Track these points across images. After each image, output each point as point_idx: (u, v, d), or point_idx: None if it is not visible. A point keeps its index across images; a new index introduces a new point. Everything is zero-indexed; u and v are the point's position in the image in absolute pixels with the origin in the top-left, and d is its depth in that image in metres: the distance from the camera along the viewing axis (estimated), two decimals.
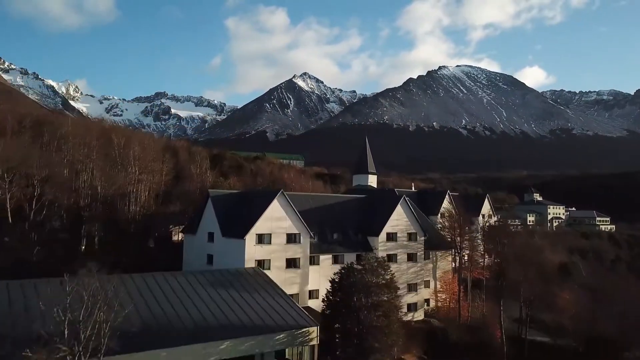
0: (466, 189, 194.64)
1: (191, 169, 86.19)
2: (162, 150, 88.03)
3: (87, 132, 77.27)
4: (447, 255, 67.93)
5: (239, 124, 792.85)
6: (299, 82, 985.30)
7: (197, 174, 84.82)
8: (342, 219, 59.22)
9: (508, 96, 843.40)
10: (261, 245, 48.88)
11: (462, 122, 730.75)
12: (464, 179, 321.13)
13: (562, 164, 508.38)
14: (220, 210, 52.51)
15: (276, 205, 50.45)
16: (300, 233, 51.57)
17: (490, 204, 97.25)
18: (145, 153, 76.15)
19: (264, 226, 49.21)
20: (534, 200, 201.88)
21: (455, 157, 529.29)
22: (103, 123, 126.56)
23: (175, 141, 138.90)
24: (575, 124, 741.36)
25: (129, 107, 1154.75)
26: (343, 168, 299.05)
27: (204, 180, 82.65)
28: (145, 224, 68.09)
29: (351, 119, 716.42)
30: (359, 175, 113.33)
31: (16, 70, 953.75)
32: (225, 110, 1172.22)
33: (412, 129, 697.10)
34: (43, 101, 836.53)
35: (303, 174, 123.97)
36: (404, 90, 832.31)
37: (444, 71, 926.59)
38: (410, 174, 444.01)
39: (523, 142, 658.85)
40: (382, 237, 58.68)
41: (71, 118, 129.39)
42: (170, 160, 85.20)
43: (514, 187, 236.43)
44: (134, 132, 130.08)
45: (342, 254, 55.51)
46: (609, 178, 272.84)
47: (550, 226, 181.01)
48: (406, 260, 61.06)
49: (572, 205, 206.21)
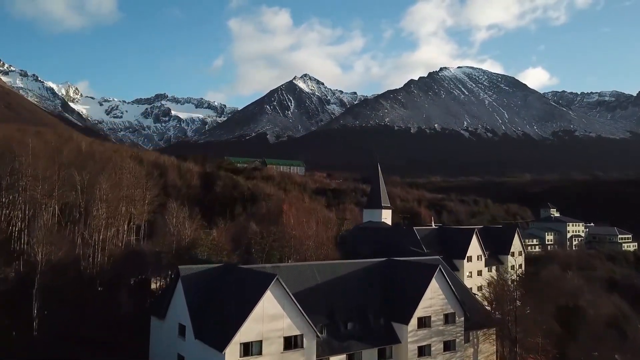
0: (476, 200, 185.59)
1: (166, 219, 66.74)
2: (148, 169, 79.36)
3: (50, 163, 64.01)
4: (491, 334, 53.41)
5: (239, 126, 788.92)
6: (300, 83, 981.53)
7: (174, 225, 64.56)
8: (358, 299, 46.44)
9: (510, 97, 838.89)
10: (248, 358, 36.04)
11: (463, 124, 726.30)
12: (467, 183, 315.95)
13: (565, 165, 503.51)
14: (193, 298, 39.99)
15: (269, 298, 36.87)
16: (302, 334, 38.32)
17: (520, 238, 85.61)
18: (125, 178, 66.28)
19: (253, 330, 36.07)
20: (551, 217, 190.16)
21: (457, 159, 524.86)
22: (77, 139, 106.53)
23: (165, 157, 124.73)
24: (578, 126, 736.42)
25: (129, 108, 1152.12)
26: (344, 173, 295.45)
27: (180, 233, 63.12)
28: (117, 272, 56.82)
29: (352, 121, 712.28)
30: (371, 211, 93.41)
31: (16, 72, 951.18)
32: (226, 112, 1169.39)
33: (414, 130, 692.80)
34: (42, 103, 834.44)
35: (304, 189, 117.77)
36: (405, 91, 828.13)
37: (445, 72, 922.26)
38: (411, 176, 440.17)
39: (525, 144, 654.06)
40: (412, 324, 45.36)
41: (39, 136, 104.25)
42: (158, 182, 76.84)
43: (522, 195, 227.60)
44: (118, 149, 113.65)
45: (360, 351, 42.67)
46: (620, 185, 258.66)
47: (569, 245, 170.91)
48: (442, 351, 47.27)
49: (583, 216, 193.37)
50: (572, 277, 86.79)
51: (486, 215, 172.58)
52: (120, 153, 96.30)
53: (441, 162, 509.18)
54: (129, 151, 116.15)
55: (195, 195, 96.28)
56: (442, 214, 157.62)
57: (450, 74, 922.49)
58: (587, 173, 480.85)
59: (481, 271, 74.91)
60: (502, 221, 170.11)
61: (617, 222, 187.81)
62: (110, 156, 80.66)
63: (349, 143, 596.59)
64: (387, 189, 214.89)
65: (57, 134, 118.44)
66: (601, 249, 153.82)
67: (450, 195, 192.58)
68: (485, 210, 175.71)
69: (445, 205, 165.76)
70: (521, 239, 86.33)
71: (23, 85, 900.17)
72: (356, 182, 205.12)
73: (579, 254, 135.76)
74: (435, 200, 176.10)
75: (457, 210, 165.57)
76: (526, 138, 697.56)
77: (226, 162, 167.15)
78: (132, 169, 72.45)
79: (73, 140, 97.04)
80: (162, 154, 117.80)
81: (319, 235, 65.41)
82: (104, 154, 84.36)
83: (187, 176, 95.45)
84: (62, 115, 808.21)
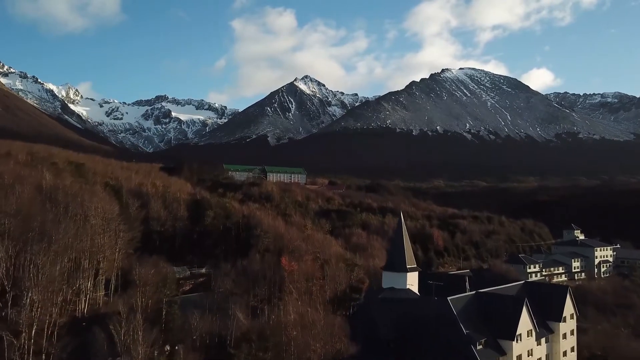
0: (490, 218, 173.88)
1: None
2: (127, 201, 68.79)
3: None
4: None
5: (240, 128, 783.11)
6: (301, 85, 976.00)
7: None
8: None
9: (512, 99, 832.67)
10: None
11: (466, 126, 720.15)
12: (471, 187, 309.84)
13: (569, 168, 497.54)
14: None
15: None
16: None
17: (572, 300, 69.14)
18: (90, 224, 56.27)
19: None
20: (576, 240, 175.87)
21: (459, 161, 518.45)
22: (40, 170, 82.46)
23: (149, 184, 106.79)
24: (582, 128, 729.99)
25: (130, 110, 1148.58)
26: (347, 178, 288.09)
27: None
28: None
29: (353, 123, 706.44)
30: (392, 275, 68.38)
31: (15, 74, 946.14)
32: (227, 114, 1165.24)
33: (416, 133, 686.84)
34: (42, 105, 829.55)
35: (306, 210, 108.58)
36: (407, 93, 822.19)
37: (447, 74, 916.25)
38: (413, 179, 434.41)
39: (528, 146, 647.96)
40: None
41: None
42: (138, 214, 66.73)
43: (532, 206, 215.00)
44: (94, 175, 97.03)
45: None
46: (633, 195, 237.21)
47: (597, 272, 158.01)
48: None
49: (598, 230, 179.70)
50: (628, 334, 75.05)
51: (502, 234, 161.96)
52: (91, 185, 79.29)
53: (443, 164, 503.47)
54: (105, 177, 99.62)
55: (183, 228, 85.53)
56: (456, 235, 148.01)
57: (452, 75, 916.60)
58: (592, 176, 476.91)
59: (532, 350, 60.61)
60: (522, 244, 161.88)
61: (637, 238, 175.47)
62: (77, 193, 66.79)
63: (350, 145, 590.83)
64: (390, 198, 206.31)
65: (31, 153, 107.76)
66: (635, 279, 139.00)
67: (462, 210, 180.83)
68: (500, 229, 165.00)
69: (458, 224, 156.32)
70: (573, 300, 69.51)
71: (22, 87, 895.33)
72: (360, 191, 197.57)
73: (614, 288, 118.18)
74: (445, 216, 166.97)
75: (471, 229, 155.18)
76: (529, 140, 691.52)
77: (222, 176, 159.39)
78: (102, 209, 61.07)
79: (37, 170, 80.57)
80: (144, 181, 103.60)
81: (328, 320, 50.53)
82: (70, 188, 70.01)
83: (174, 206, 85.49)
84: (61, 118, 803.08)
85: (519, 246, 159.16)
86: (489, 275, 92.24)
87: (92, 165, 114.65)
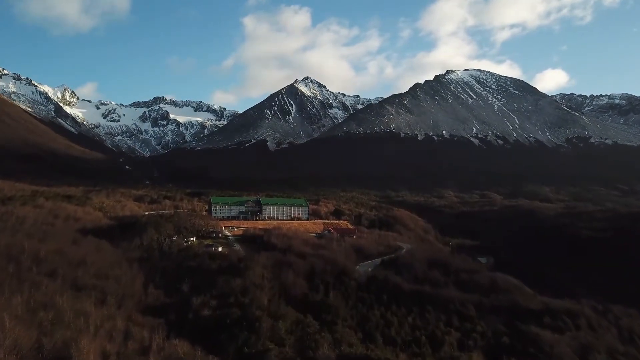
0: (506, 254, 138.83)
1: None
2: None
3: None
4: None
5: (239, 132, 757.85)
6: (301, 87, 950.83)
7: None
8: None
9: (520, 102, 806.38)
10: None
11: (472, 131, 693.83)
12: (488, 205, 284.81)
13: (583, 176, 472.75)
14: None
15: None
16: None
17: None
18: None
19: None
20: None
21: (468, 169, 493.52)
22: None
23: (131, 251, 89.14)
24: (593, 132, 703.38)
25: (127, 112, 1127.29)
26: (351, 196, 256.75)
27: None
28: None
29: (356, 128, 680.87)
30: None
31: (8, 75, 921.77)
32: (225, 116, 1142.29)
33: (421, 138, 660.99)
34: (35, 108, 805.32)
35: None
36: (411, 96, 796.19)
37: (452, 75, 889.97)
38: (422, 190, 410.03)
39: (538, 152, 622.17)
40: None
41: None
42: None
43: (561, 236, 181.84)
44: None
45: None
46: None
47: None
48: None
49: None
50: None
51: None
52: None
53: (452, 172, 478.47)
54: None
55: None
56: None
57: (457, 77, 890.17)
58: (608, 185, 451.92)
59: None
60: None
61: None
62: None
63: (353, 151, 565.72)
64: (400, 217, 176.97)
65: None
66: None
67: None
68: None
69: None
70: None
71: (16, 90, 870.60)
72: (372, 227, 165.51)
73: None
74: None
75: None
76: (539, 145, 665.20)
77: (206, 229, 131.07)
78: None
79: None
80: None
81: None
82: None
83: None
84: (54, 122, 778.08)
85: None
86: None
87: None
